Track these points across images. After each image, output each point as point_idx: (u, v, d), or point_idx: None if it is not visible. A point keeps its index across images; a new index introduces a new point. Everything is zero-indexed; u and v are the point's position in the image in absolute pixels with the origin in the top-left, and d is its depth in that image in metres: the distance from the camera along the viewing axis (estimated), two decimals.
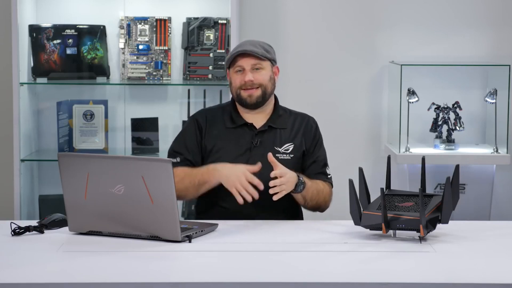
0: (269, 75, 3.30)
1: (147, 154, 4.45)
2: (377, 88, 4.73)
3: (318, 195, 3.24)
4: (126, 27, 4.53)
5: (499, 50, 4.70)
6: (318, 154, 3.34)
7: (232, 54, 3.28)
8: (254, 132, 3.30)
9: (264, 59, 3.28)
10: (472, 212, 4.43)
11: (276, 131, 3.33)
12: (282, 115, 3.36)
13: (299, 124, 3.37)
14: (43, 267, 2.52)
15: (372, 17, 4.71)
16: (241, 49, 3.27)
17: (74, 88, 4.58)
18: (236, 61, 3.28)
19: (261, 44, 3.32)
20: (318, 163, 3.33)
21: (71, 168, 2.83)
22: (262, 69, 3.28)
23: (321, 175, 3.32)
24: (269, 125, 3.32)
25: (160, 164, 2.74)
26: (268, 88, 3.29)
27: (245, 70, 3.27)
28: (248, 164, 3.17)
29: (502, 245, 2.82)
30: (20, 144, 4.32)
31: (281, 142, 3.31)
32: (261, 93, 3.28)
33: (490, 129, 4.61)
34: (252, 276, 2.45)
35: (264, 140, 3.30)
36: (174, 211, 2.74)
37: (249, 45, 3.29)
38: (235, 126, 3.31)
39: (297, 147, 3.32)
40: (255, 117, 3.33)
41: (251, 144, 3.28)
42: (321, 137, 3.40)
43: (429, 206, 2.84)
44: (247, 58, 3.26)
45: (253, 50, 3.26)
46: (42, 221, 2.98)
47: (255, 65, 3.27)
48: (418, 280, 2.40)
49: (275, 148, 3.29)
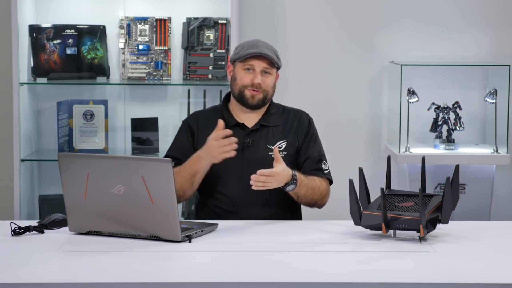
0: (273, 82, 3.32)
1: (147, 154, 4.45)
2: (377, 88, 4.74)
3: (314, 192, 3.22)
4: (126, 27, 4.53)
5: (499, 50, 4.70)
6: (311, 150, 3.33)
7: (249, 53, 3.26)
8: (246, 131, 3.30)
9: (274, 66, 3.30)
10: (472, 212, 4.43)
11: (269, 129, 3.32)
12: (274, 113, 3.36)
13: (292, 120, 3.36)
14: (43, 267, 2.52)
15: (372, 17, 4.71)
16: (259, 51, 3.26)
17: (74, 88, 4.58)
18: (249, 59, 3.27)
19: (273, 49, 3.32)
20: (313, 159, 3.32)
21: (71, 168, 2.83)
22: (271, 74, 3.30)
23: (317, 171, 3.30)
24: (261, 123, 3.32)
25: (160, 164, 2.74)
26: (269, 93, 3.31)
27: (256, 72, 3.27)
28: (243, 165, 3.22)
29: (502, 245, 2.82)
30: (20, 144, 4.32)
31: (274, 140, 3.31)
32: (263, 97, 3.28)
33: (490, 129, 4.61)
34: (252, 276, 2.45)
35: (256, 139, 3.30)
36: (174, 211, 2.74)
37: (265, 48, 3.29)
38: (227, 127, 3.29)
39: (290, 144, 3.32)
40: (247, 117, 3.33)
41: (243, 144, 3.27)
42: (315, 132, 3.39)
43: (429, 206, 2.84)
44: (261, 60, 3.27)
45: (270, 55, 3.27)
46: (42, 221, 2.98)
47: (266, 69, 3.28)
48: (418, 280, 2.40)
49: (267, 146, 3.29)
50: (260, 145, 3.29)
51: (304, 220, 3.35)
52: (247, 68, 3.28)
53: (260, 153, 3.26)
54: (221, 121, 3.16)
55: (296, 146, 3.33)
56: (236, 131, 3.28)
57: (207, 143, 3.16)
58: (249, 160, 3.24)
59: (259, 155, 3.25)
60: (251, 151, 3.27)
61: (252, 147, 3.28)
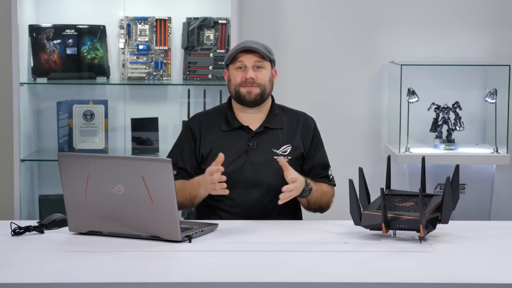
0: (268, 76, 3.28)
1: (147, 154, 4.45)
2: (377, 88, 4.74)
3: (322, 198, 3.24)
4: (126, 27, 4.53)
5: (499, 50, 4.70)
6: (318, 157, 3.32)
7: (236, 50, 3.25)
8: (251, 134, 3.28)
9: (266, 59, 3.27)
10: (472, 212, 4.43)
11: (273, 131, 3.30)
12: (278, 114, 3.34)
13: (296, 123, 3.34)
14: (43, 267, 2.52)
15: (372, 17, 4.71)
16: (244, 45, 3.25)
17: (74, 88, 4.58)
18: (237, 57, 3.25)
19: (262, 45, 3.30)
20: (320, 167, 3.31)
21: (71, 168, 2.83)
22: (263, 68, 3.27)
23: (324, 179, 3.31)
24: (265, 126, 3.30)
25: (160, 164, 2.74)
26: (267, 88, 3.27)
27: (247, 68, 3.25)
28: (247, 167, 3.21)
29: (502, 245, 2.82)
30: (20, 144, 4.32)
31: (279, 143, 3.29)
32: (260, 92, 3.25)
33: (490, 129, 4.61)
34: (252, 276, 2.45)
35: (260, 142, 3.27)
36: (174, 211, 2.74)
37: (253, 43, 3.27)
38: (230, 129, 3.29)
39: (295, 148, 3.30)
40: (251, 119, 3.31)
41: (247, 147, 3.26)
42: (320, 138, 3.38)
43: (429, 206, 2.84)
44: (250, 55, 3.25)
45: (256, 47, 3.25)
46: (42, 221, 2.98)
47: (257, 63, 3.25)
48: (418, 280, 2.40)
49: (272, 150, 3.27)
50: (265, 148, 3.26)
51: (304, 220, 3.35)
52: (238, 67, 3.26)
53: (264, 156, 3.24)
54: (221, 155, 3.06)
55: (301, 152, 3.30)
56: (240, 133, 3.27)
57: (205, 175, 3.10)
58: (253, 163, 3.22)
59: (263, 158, 3.24)
60: (255, 154, 3.25)
61: (257, 150, 3.26)
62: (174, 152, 3.34)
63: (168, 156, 3.33)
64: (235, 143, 3.27)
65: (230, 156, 3.22)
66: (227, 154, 3.20)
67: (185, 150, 3.30)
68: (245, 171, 3.23)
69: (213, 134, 3.28)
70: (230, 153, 3.23)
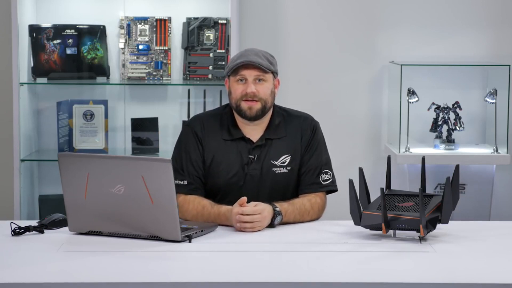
0: (270, 89, 3.20)
1: (147, 154, 4.45)
2: (377, 88, 4.74)
3: (303, 217, 3.14)
4: (126, 27, 4.53)
5: (499, 50, 4.70)
6: (312, 161, 3.24)
7: (236, 64, 3.17)
8: (251, 146, 3.22)
9: (268, 72, 3.19)
10: (472, 212, 4.43)
11: (275, 141, 3.23)
12: (279, 123, 3.26)
13: (296, 128, 3.27)
14: (43, 267, 2.52)
15: (372, 17, 4.71)
16: (246, 59, 3.16)
17: (74, 88, 4.58)
18: (238, 70, 3.17)
19: (264, 55, 3.21)
20: (312, 172, 3.23)
21: (71, 168, 2.83)
22: (265, 81, 3.19)
23: (314, 185, 3.22)
24: (266, 137, 3.23)
25: (160, 164, 2.74)
26: (268, 102, 3.20)
27: (248, 81, 3.17)
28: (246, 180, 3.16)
29: (502, 245, 2.82)
30: (20, 144, 4.32)
31: (278, 154, 3.22)
32: (261, 107, 3.18)
33: (490, 129, 4.61)
34: (252, 276, 2.45)
35: (261, 154, 3.21)
36: (174, 211, 2.74)
37: (254, 56, 3.18)
38: (232, 138, 3.23)
39: (294, 157, 3.23)
40: (251, 130, 3.23)
41: (248, 159, 3.21)
42: (319, 140, 3.28)
43: (429, 206, 2.84)
44: (251, 69, 3.16)
45: (258, 61, 3.16)
46: (42, 221, 2.98)
47: (258, 76, 3.17)
48: (418, 280, 2.40)
49: (271, 162, 3.21)
50: (264, 161, 3.21)
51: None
52: (239, 79, 3.18)
53: (263, 169, 3.20)
54: (244, 198, 2.99)
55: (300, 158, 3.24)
56: (241, 144, 3.22)
57: (232, 212, 2.99)
58: (253, 176, 3.20)
59: (262, 171, 3.20)
60: (255, 167, 3.21)
61: (257, 163, 3.21)
62: (183, 157, 3.22)
63: (176, 161, 3.21)
64: (236, 154, 3.22)
65: (231, 167, 3.19)
66: (228, 165, 3.19)
67: (195, 159, 3.21)
68: (245, 184, 3.20)
69: (215, 141, 3.23)
70: (231, 164, 3.20)
